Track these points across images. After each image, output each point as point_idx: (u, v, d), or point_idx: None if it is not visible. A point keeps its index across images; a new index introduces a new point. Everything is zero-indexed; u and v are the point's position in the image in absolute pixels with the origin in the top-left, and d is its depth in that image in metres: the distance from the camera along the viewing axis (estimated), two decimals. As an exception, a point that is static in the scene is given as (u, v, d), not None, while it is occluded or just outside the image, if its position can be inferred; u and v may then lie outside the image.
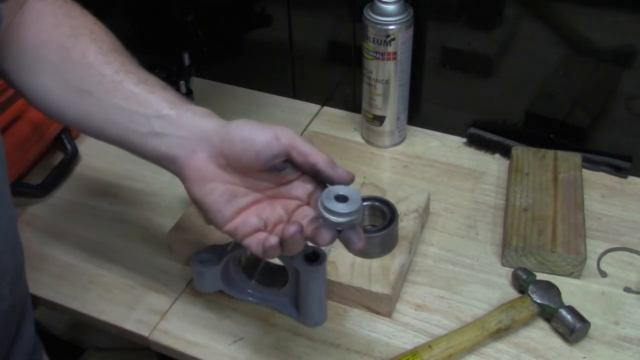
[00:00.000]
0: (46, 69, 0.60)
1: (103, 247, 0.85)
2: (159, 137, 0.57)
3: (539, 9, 0.86)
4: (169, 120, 0.57)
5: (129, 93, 0.58)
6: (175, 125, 0.57)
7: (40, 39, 0.61)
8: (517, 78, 0.92)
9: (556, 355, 0.70)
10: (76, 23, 0.62)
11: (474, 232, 0.85)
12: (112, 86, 0.58)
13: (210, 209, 0.57)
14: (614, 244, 0.82)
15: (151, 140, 0.58)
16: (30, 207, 0.92)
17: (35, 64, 0.61)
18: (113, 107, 0.58)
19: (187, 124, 0.57)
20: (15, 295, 0.61)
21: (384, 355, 0.71)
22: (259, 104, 1.09)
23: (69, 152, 0.98)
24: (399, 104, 0.94)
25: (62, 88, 0.60)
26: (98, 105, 0.59)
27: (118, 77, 0.59)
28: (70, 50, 0.60)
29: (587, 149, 0.92)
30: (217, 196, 0.56)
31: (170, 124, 0.57)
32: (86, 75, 0.59)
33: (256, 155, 0.55)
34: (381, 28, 0.86)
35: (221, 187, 0.57)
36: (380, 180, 0.92)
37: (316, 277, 0.69)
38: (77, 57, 0.60)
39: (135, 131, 0.58)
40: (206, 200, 0.57)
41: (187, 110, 0.58)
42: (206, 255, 0.73)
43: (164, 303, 0.77)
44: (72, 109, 0.60)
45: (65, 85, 0.60)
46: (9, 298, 0.59)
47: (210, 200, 0.57)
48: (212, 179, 0.57)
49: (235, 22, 1.08)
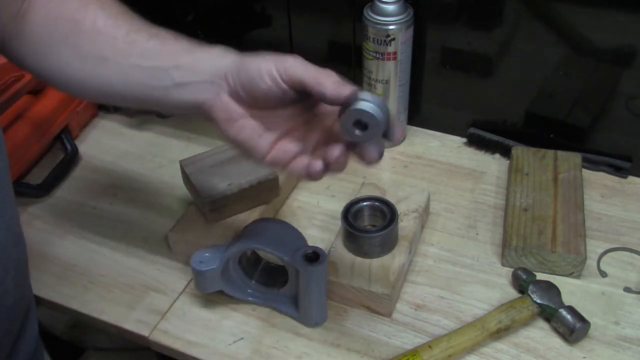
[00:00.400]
0: (61, 45, 0.60)
1: (103, 247, 0.85)
2: (181, 87, 0.58)
3: (539, 9, 0.86)
4: (186, 68, 0.57)
5: (143, 50, 0.59)
6: (193, 72, 0.57)
7: (51, 18, 0.61)
8: (517, 78, 0.92)
9: (556, 355, 0.70)
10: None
11: (474, 232, 0.85)
12: (126, 47, 0.59)
13: (246, 145, 0.57)
14: (614, 244, 0.82)
15: (175, 91, 0.58)
16: (30, 207, 0.92)
17: (50, 43, 0.61)
18: (131, 68, 0.59)
19: (204, 67, 0.57)
20: (19, 290, 0.61)
21: (384, 355, 0.71)
22: (259, 104, 1.09)
23: (69, 152, 0.98)
24: (399, 104, 0.94)
25: (79, 60, 0.60)
26: (116, 69, 0.59)
27: (130, 38, 0.59)
28: (80, 22, 0.60)
29: (587, 149, 0.92)
30: (249, 132, 0.57)
31: (189, 71, 0.57)
32: (99, 42, 0.60)
33: (267, 89, 0.55)
34: (381, 28, 0.86)
35: (251, 123, 0.57)
36: (380, 180, 0.92)
37: (316, 277, 0.69)
38: (87, 26, 0.60)
39: (158, 87, 0.58)
40: (239, 138, 0.57)
41: (202, 54, 0.58)
42: (206, 255, 0.73)
43: (164, 303, 0.77)
44: (92, 79, 0.61)
45: (81, 56, 0.60)
46: (13, 293, 0.59)
47: (243, 137, 0.57)
48: (240, 116, 0.57)
49: (235, 22, 1.08)
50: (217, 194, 0.80)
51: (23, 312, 0.65)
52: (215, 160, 0.85)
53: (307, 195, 0.91)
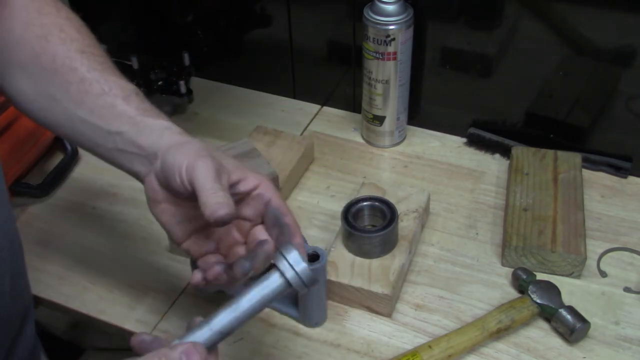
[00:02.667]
0: (18, 71, 0.60)
1: (103, 247, 0.85)
2: (122, 153, 0.58)
3: (539, 9, 0.86)
4: (128, 138, 0.57)
5: (93, 106, 0.58)
6: (133, 144, 0.57)
7: (13, 38, 0.61)
8: (517, 78, 0.92)
9: (556, 355, 0.70)
10: (47, 21, 0.61)
11: (474, 232, 0.85)
12: (78, 97, 0.58)
13: (165, 227, 0.58)
14: (614, 244, 0.82)
15: (117, 155, 0.58)
16: (30, 207, 0.92)
17: (10, 64, 0.61)
18: (79, 120, 0.58)
19: (143, 142, 0.57)
20: (16, 292, 0.61)
21: (384, 355, 0.71)
22: (259, 104, 1.09)
23: (69, 152, 0.98)
24: (399, 104, 0.94)
25: (34, 91, 0.60)
26: (66, 114, 0.59)
27: (83, 87, 0.58)
28: (40, 55, 0.60)
29: (587, 149, 0.92)
30: (168, 217, 0.57)
31: (129, 142, 0.57)
32: (54, 82, 0.59)
33: (177, 186, 0.54)
34: (381, 28, 0.86)
35: (171, 209, 0.57)
36: (380, 180, 0.92)
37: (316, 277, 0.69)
38: (46, 61, 0.59)
39: (102, 145, 0.59)
40: (160, 219, 0.57)
41: (145, 127, 0.57)
42: (206, 255, 0.73)
43: (164, 303, 0.77)
44: (44, 114, 0.61)
45: (37, 89, 0.60)
46: (10, 295, 0.59)
47: (163, 220, 0.57)
48: (163, 199, 0.57)
49: (235, 22, 1.08)
50: (217, 194, 0.80)
51: (21, 313, 0.65)
52: (215, 160, 0.85)
53: (307, 195, 0.91)
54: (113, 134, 0.57)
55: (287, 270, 0.51)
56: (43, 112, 0.60)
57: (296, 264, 0.51)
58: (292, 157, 0.91)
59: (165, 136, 0.57)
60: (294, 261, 0.51)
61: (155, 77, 1.03)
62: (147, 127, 0.57)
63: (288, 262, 0.52)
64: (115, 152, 0.58)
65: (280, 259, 0.52)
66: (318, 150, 0.98)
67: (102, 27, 1.19)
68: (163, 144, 0.56)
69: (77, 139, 0.60)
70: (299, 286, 0.52)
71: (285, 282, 0.52)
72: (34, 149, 0.95)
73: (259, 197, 0.56)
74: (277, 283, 0.52)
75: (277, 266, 0.52)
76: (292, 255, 0.52)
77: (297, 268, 0.51)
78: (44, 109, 0.60)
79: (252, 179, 0.56)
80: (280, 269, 0.52)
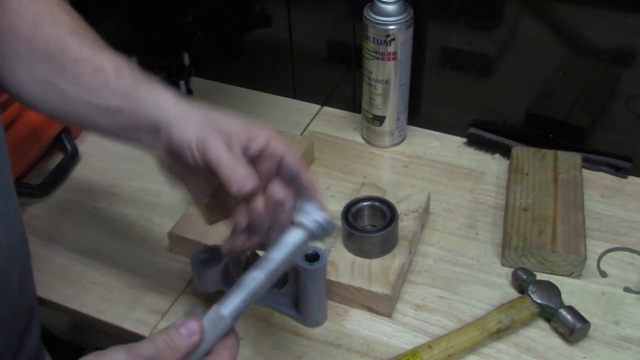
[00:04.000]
0: (15, 60, 0.60)
1: (103, 247, 0.85)
2: (126, 131, 0.58)
3: (539, 9, 0.86)
4: (127, 113, 0.57)
5: (89, 85, 0.58)
6: (134, 119, 0.57)
7: (5, 27, 0.60)
8: (517, 78, 0.92)
9: (556, 355, 0.70)
10: (37, 7, 0.61)
11: (474, 232, 0.85)
12: (73, 78, 0.58)
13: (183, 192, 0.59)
14: (614, 244, 0.82)
15: (122, 133, 0.58)
16: (30, 207, 0.92)
17: (5, 54, 0.60)
18: (79, 102, 0.58)
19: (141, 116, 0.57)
20: (24, 289, 0.61)
21: (384, 355, 0.71)
22: (259, 104, 1.09)
23: (69, 152, 0.98)
24: (399, 104, 0.94)
25: (31, 79, 0.60)
26: (65, 98, 0.59)
27: (76, 68, 0.58)
28: (32, 41, 0.60)
29: (587, 149, 0.92)
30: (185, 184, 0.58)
31: (129, 117, 0.57)
32: (50, 67, 0.59)
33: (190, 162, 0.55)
34: (381, 28, 0.86)
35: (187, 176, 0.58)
36: (380, 180, 0.92)
37: (316, 277, 0.69)
38: (39, 47, 0.59)
39: (105, 125, 0.59)
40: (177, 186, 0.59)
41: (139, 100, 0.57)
42: (206, 255, 0.73)
43: (164, 303, 0.77)
44: (44, 101, 0.60)
45: (33, 76, 0.60)
46: (19, 292, 0.59)
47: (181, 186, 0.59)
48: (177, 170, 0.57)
49: (235, 22, 1.08)
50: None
51: (28, 310, 0.65)
52: (215, 160, 0.85)
53: (307, 195, 0.91)
54: (113, 112, 0.57)
55: (308, 222, 0.53)
56: (43, 99, 0.60)
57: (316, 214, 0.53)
58: (292, 157, 0.91)
59: (162, 106, 0.56)
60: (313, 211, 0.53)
61: (155, 77, 1.03)
62: (141, 99, 0.57)
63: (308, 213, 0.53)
64: (119, 130, 0.58)
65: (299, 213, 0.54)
66: (318, 150, 0.98)
67: (101, 26, 1.19)
68: (161, 116, 0.56)
69: (81, 122, 0.60)
70: (321, 233, 0.53)
71: (308, 232, 0.53)
72: (34, 149, 0.95)
73: (272, 155, 0.56)
74: (300, 235, 0.53)
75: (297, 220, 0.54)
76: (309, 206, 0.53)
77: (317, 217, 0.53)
78: (43, 96, 0.60)
79: (261, 135, 0.56)
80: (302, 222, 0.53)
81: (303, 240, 0.53)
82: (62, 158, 0.97)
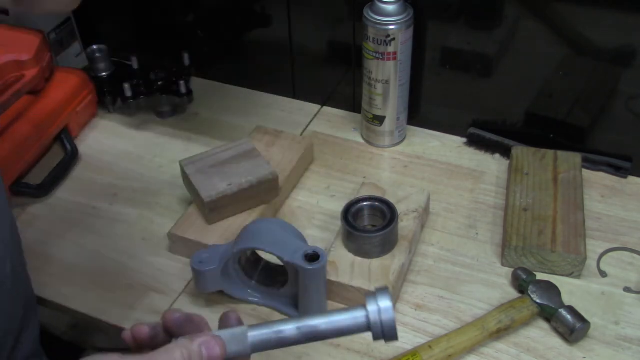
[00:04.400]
0: None
1: (103, 247, 0.85)
2: None
3: (539, 9, 0.86)
4: None
5: None
6: None
7: None
8: (517, 78, 0.92)
9: (556, 355, 0.70)
10: None
11: (474, 232, 0.85)
12: None
13: None
14: (614, 244, 0.82)
15: None
16: (30, 207, 0.92)
17: None
18: None
19: None
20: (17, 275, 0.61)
21: (384, 355, 0.71)
22: (259, 104, 1.09)
23: (69, 152, 0.98)
24: (399, 104, 0.94)
25: None
26: None
27: None
28: None
29: (587, 149, 0.92)
30: None
31: None
32: None
33: None
34: (381, 28, 0.86)
35: None
36: (380, 180, 0.92)
37: (316, 277, 0.69)
38: None
39: None
40: None
41: None
42: (206, 255, 0.73)
43: (164, 303, 0.77)
44: None
45: None
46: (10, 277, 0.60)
47: None
48: None
49: (235, 22, 1.08)
50: (217, 194, 0.80)
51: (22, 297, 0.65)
52: (215, 160, 0.85)
53: (307, 195, 0.91)
54: None
55: (374, 316, 0.49)
56: None
57: (385, 312, 0.49)
58: (292, 157, 0.91)
59: None
60: (384, 308, 0.49)
61: (155, 77, 1.03)
62: None
63: (378, 306, 0.49)
64: None
65: (371, 301, 0.50)
66: (318, 150, 0.98)
67: (102, 27, 1.19)
68: None
69: None
70: (376, 334, 0.50)
71: (366, 324, 0.50)
72: (34, 149, 0.95)
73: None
74: (356, 322, 0.50)
75: (367, 305, 0.50)
76: (384, 301, 0.50)
77: (383, 316, 0.49)
78: None
79: None
80: (368, 314, 0.49)
81: (356, 328, 0.50)
82: (62, 158, 0.97)
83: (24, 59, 0.94)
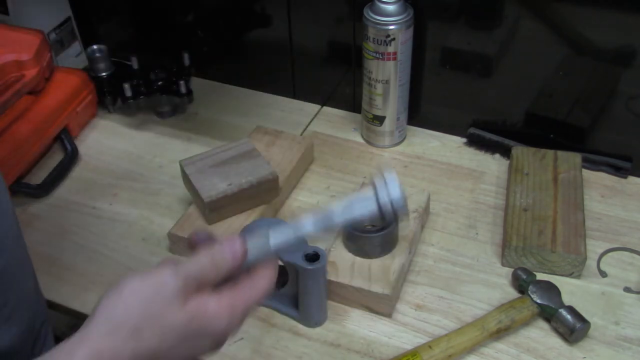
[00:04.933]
0: None
1: (103, 247, 0.85)
2: None
3: (539, 9, 0.86)
4: None
5: None
6: None
7: None
8: (517, 78, 0.92)
9: (556, 355, 0.70)
10: None
11: (474, 232, 0.85)
12: None
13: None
14: (614, 244, 0.82)
15: None
16: (30, 207, 0.92)
17: None
18: None
19: None
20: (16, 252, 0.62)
21: (384, 355, 0.71)
22: (259, 104, 1.09)
23: (69, 152, 0.98)
24: (399, 104, 0.94)
25: None
26: None
27: None
28: None
29: (587, 149, 0.92)
30: None
31: None
32: None
33: None
34: (381, 28, 0.86)
35: None
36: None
37: (316, 277, 0.69)
38: None
39: None
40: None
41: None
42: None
43: (164, 303, 0.77)
44: None
45: None
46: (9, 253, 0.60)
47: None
48: None
49: (235, 22, 1.08)
50: (217, 194, 0.80)
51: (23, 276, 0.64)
52: (215, 160, 0.85)
53: (307, 195, 0.91)
54: None
55: (383, 198, 0.52)
56: None
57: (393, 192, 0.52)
58: (292, 157, 0.91)
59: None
60: (393, 189, 0.52)
61: (155, 77, 1.03)
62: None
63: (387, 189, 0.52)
64: None
65: (380, 183, 0.52)
66: (318, 150, 0.98)
67: (102, 27, 1.19)
68: None
69: None
70: (388, 216, 0.52)
71: (376, 209, 0.52)
72: (34, 149, 0.95)
73: None
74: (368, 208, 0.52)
75: (374, 189, 0.52)
76: (392, 181, 0.52)
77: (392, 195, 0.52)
78: None
79: None
80: (377, 196, 0.52)
81: (368, 215, 0.52)
82: (62, 158, 0.97)
83: (24, 59, 0.94)
